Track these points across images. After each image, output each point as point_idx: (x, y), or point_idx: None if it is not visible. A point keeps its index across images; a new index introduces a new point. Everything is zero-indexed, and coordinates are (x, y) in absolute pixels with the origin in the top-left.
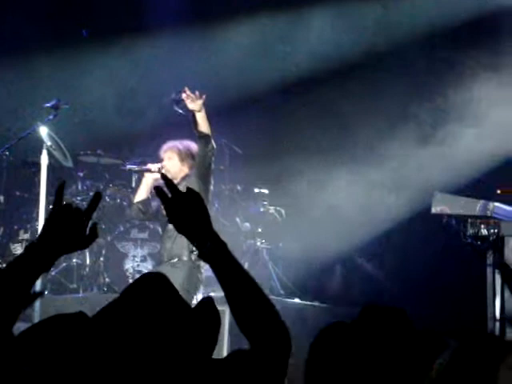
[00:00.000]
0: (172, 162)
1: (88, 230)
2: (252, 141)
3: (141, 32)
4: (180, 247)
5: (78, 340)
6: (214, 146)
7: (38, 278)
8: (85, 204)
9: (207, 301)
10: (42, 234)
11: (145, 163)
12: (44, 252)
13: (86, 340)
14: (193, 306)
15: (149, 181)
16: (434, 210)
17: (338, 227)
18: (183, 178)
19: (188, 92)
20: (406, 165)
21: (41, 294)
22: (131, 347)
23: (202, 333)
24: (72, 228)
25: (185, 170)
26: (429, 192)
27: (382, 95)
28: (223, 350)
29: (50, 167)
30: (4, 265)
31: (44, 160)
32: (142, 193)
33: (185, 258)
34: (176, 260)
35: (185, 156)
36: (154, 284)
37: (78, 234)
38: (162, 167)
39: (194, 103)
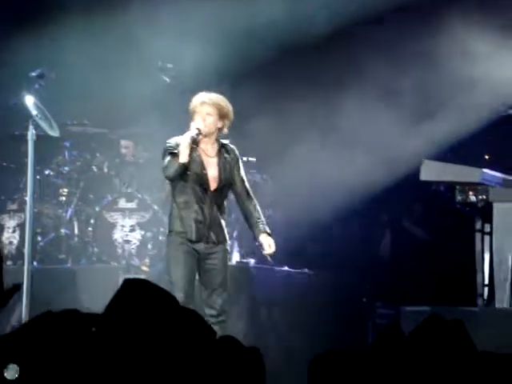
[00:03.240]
0: (211, 119)
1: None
2: (241, 110)
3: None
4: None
5: (70, 342)
6: None
7: None
8: (74, 174)
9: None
10: None
11: None
12: None
13: (80, 341)
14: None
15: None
16: (422, 177)
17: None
18: (216, 141)
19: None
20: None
21: (17, 287)
22: (125, 346)
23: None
24: None
25: (219, 130)
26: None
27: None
28: None
29: (36, 138)
30: None
31: (31, 134)
32: (187, 152)
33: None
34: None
35: (225, 114)
36: (140, 290)
37: None
38: (200, 129)
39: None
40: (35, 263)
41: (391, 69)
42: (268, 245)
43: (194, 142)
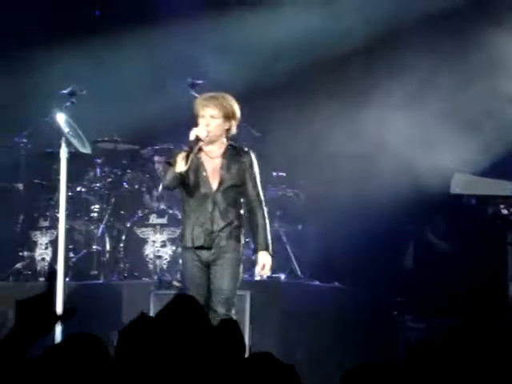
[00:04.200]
0: (216, 123)
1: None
2: (271, 124)
3: (153, 19)
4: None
5: (94, 368)
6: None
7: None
8: (105, 191)
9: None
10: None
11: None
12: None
13: (102, 367)
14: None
15: (196, 148)
16: (453, 190)
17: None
18: (230, 146)
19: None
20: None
21: (73, 311)
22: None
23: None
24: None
25: (226, 131)
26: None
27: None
28: (244, 337)
29: (68, 155)
30: (25, 252)
31: (63, 152)
32: (188, 163)
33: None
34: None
35: (231, 114)
36: (184, 307)
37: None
38: (208, 131)
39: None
40: (67, 279)
41: (424, 79)
42: (263, 265)
43: (192, 150)
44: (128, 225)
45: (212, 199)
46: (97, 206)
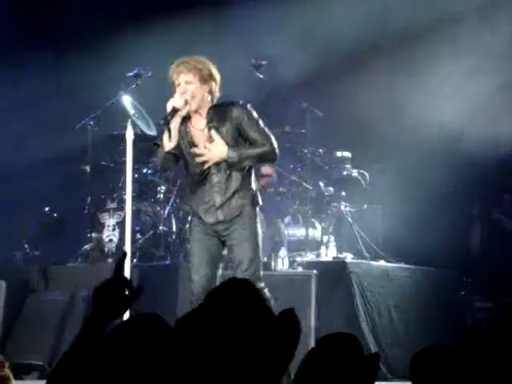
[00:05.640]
0: (193, 87)
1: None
2: (334, 104)
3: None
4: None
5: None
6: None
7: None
8: (171, 172)
9: (289, 312)
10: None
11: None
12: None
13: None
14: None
15: (177, 120)
16: None
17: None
18: (211, 109)
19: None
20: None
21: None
22: (209, 354)
23: (280, 345)
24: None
25: (207, 95)
26: None
27: None
28: (311, 317)
29: (134, 137)
30: (93, 234)
31: (129, 134)
32: (175, 137)
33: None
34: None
35: (207, 76)
36: (239, 291)
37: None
38: (186, 99)
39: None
40: (135, 260)
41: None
42: (215, 142)
43: (169, 123)
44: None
45: (209, 174)
46: (163, 188)
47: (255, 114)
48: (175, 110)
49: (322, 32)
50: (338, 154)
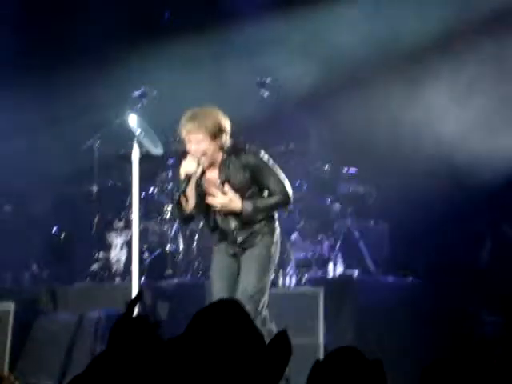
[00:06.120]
0: (205, 145)
1: None
2: (339, 119)
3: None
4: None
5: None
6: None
7: None
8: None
9: (282, 333)
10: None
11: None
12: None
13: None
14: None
15: (193, 182)
16: None
17: (433, 204)
18: (225, 160)
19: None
20: None
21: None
22: (200, 374)
23: (270, 365)
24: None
25: (218, 148)
26: None
27: None
28: (319, 334)
29: (140, 157)
30: (101, 253)
31: (135, 153)
32: (192, 198)
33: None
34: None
35: (217, 131)
36: (228, 312)
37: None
38: (199, 160)
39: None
40: (143, 279)
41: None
42: (228, 197)
43: (185, 189)
44: (200, 224)
45: (227, 224)
46: (169, 207)
47: (269, 161)
48: (189, 177)
49: (326, 49)
50: (345, 169)
